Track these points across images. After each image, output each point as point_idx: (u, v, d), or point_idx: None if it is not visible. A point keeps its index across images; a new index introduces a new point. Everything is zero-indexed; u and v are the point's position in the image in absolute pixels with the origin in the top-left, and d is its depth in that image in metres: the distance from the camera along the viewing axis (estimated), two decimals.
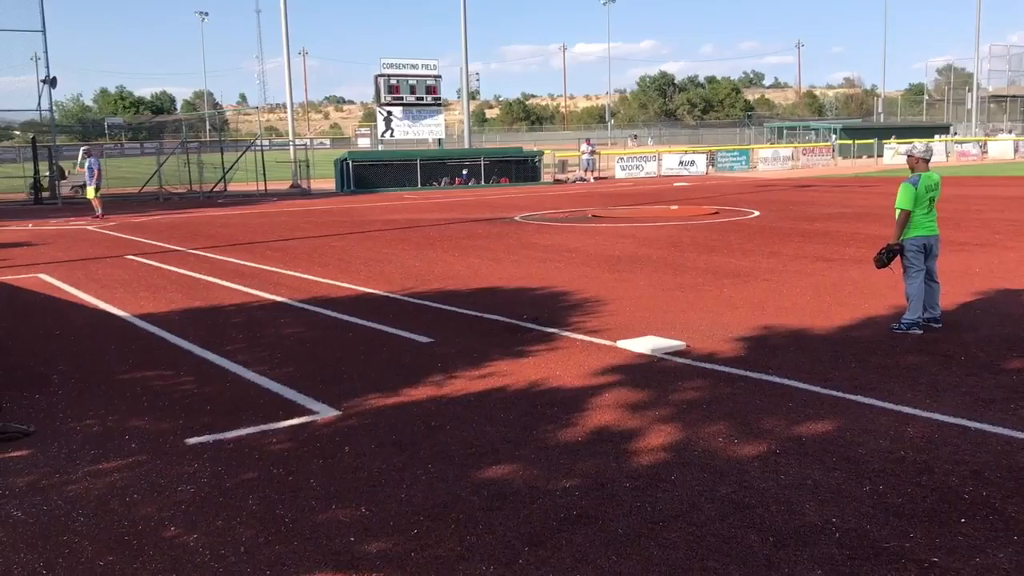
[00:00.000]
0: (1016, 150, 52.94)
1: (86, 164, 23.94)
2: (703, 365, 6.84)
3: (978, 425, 5.30)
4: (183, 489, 4.66)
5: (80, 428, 5.73)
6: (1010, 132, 57.43)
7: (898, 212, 7.83)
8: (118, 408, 6.15)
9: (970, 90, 68.69)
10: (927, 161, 7.97)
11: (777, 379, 6.38)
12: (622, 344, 7.54)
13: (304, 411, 5.96)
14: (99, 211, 23.26)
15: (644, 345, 7.42)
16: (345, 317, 9.11)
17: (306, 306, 9.83)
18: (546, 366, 6.95)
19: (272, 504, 4.43)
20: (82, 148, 36.21)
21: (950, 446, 4.97)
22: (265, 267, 13.03)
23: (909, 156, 8.04)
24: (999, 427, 5.25)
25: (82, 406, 6.21)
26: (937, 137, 55.02)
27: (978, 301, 9.09)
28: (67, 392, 6.59)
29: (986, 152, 52.21)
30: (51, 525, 4.26)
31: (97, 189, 23.36)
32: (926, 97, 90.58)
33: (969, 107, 67.51)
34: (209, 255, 14.73)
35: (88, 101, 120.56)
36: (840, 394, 5.99)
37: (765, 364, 6.79)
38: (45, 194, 30.61)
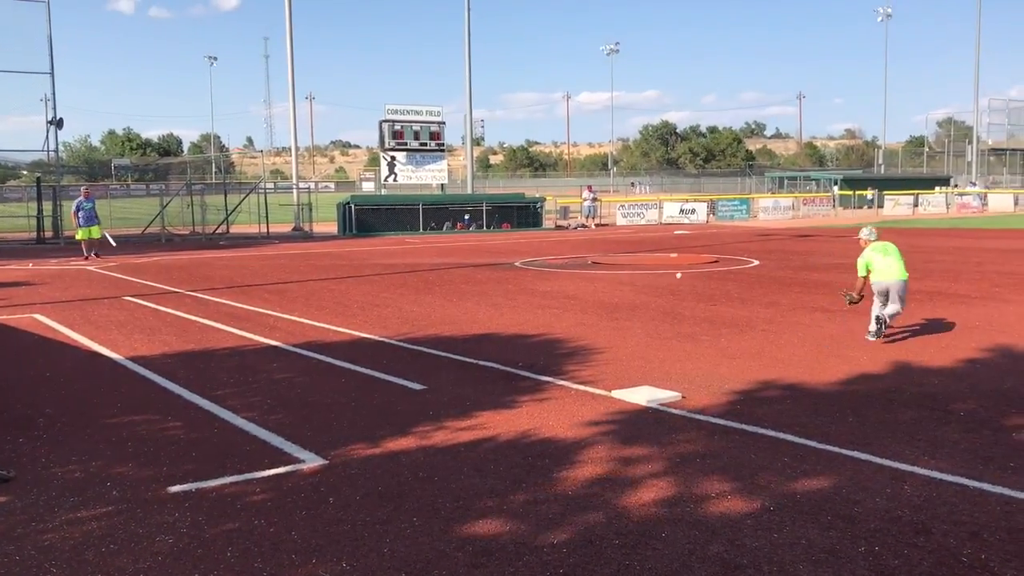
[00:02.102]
0: (1016, 203, 53.10)
1: (74, 205, 23.99)
2: (698, 417, 6.74)
3: (977, 484, 5.18)
4: (161, 540, 4.54)
5: (61, 474, 5.62)
6: (975, 184, 57.57)
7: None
8: (102, 453, 6.05)
9: (970, 143, 69.19)
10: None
11: (773, 433, 6.28)
12: (617, 394, 7.44)
13: (290, 459, 5.85)
14: (85, 252, 23.18)
15: (639, 396, 7.33)
16: (338, 362, 9.03)
17: (300, 351, 9.74)
18: (539, 416, 6.85)
19: (251, 557, 4.32)
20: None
21: (948, 505, 4.85)
22: (261, 310, 12.97)
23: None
24: (998, 486, 5.14)
25: (66, 451, 6.11)
26: (938, 189, 55.27)
27: (978, 355, 8.99)
28: (52, 436, 6.49)
29: (986, 204, 52.36)
30: None
31: (87, 230, 23.32)
32: (926, 149, 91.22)
33: (969, 159, 67.93)
34: (207, 297, 14.68)
35: (95, 142, 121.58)
36: (837, 449, 5.88)
37: (761, 417, 6.69)
38: (48, 234, 30.70)
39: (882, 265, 10.09)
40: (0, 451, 6.06)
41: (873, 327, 9.83)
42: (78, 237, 23.49)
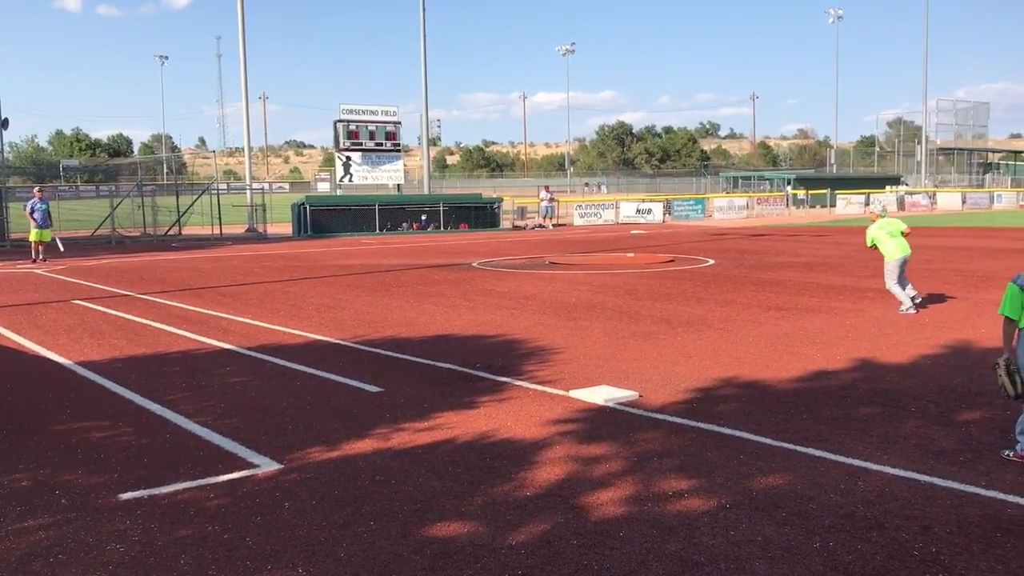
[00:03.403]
0: (964, 201, 54.27)
1: (28, 206, 23.46)
2: (656, 416, 6.77)
3: (928, 479, 5.27)
4: (112, 548, 4.44)
5: (8, 482, 5.48)
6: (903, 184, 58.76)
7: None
8: (50, 461, 5.91)
9: (919, 143, 70.57)
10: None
11: (729, 431, 6.33)
12: (575, 394, 7.45)
13: (245, 464, 5.76)
14: (33, 255, 22.69)
15: (597, 395, 7.34)
16: (294, 365, 8.92)
17: (254, 354, 9.62)
18: (497, 417, 6.83)
19: (205, 564, 4.24)
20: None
21: (900, 500, 4.92)
22: (215, 313, 12.78)
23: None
24: (949, 480, 5.23)
25: (12, 459, 5.95)
26: (888, 188, 56.29)
27: (928, 352, 9.16)
28: None
29: (935, 203, 53.45)
30: None
31: (40, 231, 22.83)
32: (877, 149, 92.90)
33: (919, 159, 69.28)
34: (158, 300, 14.44)
35: (43, 142, 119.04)
36: (791, 446, 5.94)
37: (717, 415, 6.74)
38: None
39: (896, 242, 12.16)
40: None
41: (910, 302, 11.75)
42: (31, 239, 22.97)
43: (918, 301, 11.96)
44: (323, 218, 34.17)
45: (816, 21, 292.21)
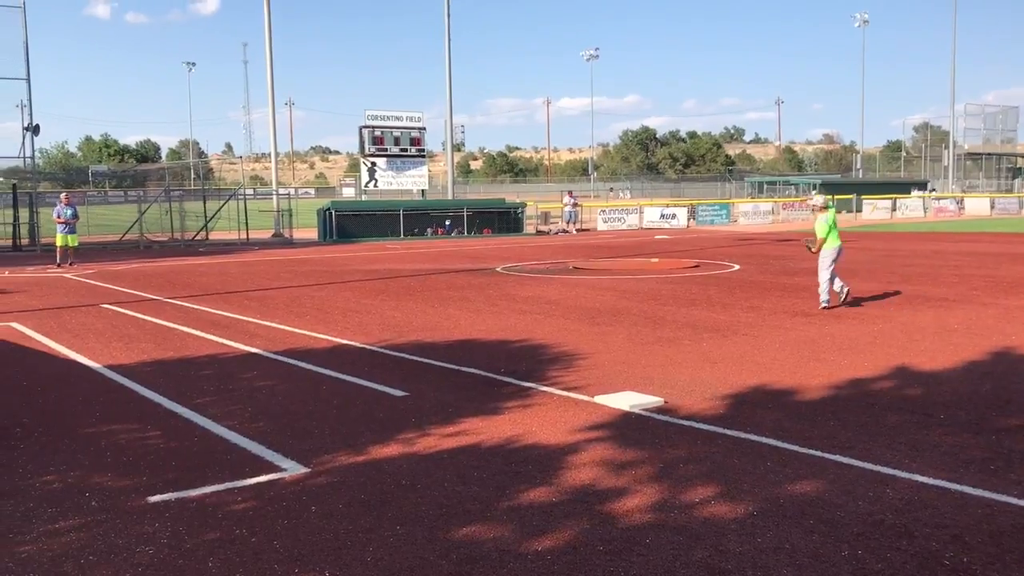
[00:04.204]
0: (992, 206, 53.66)
1: (55, 212, 23.78)
2: (681, 422, 6.74)
3: (958, 487, 5.21)
4: (141, 551, 4.49)
5: (39, 484, 5.55)
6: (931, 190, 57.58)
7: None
8: (80, 463, 5.98)
9: (946, 147, 69.89)
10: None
11: (755, 437, 6.29)
12: (600, 400, 7.44)
13: (272, 468, 5.80)
14: (59, 260, 22.95)
15: (622, 401, 7.33)
16: (320, 369, 8.97)
17: (280, 358, 9.68)
18: (522, 422, 6.83)
19: (233, 567, 4.27)
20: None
21: (930, 509, 4.87)
22: (241, 317, 12.88)
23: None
24: (980, 489, 5.16)
25: (43, 461, 6.03)
26: (915, 193, 55.76)
27: (958, 358, 9.06)
28: (29, 446, 6.40)
29: (963, 209, 52.88)
30: None
31: (65, 237, 23.09)
32: (904, 154, 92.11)
33: (946, 164, 68.62)
34: (186, 304, 14.57)
35: (73, 148, 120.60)
36: (819, 453, 5.90)
37: (743, 422, 6.71)
38: (24, 242, 30.40)
39: (833, 233, 12.69)
40: None
41: (829, 296, 12.50)
42: (57, 243, 23.26)
43: (848, 300, 12.75)
44: (348, 223, 34.35)
45: (842, 25, 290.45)
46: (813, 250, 12.96)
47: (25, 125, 30.09)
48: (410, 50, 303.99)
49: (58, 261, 22.91)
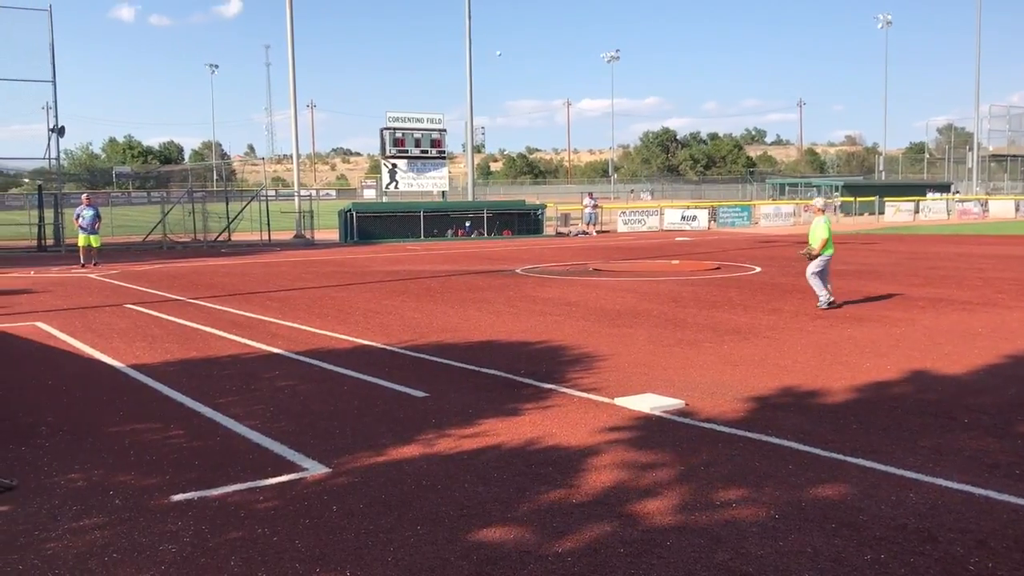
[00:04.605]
0: (1017, 209, 53.10)
1: (75, 213, 24.02)
2: (702, 425, 6.72)
3: (983, 492, 5.16)
4: (164, 549, 4.52)
5: (64, 483, 5.61)
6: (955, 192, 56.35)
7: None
8: (104, 462, 6.04)
9: (970, 149, 69.25)
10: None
11: (777, 440, 6.26)
12: (620, 402, 7.42)
13: (294, 467, 5.83)
14: (82, 260, 23.19)
15: (643, 403, 7.31)
16: (341, 370, 9.01)
17: (302, 358, 9.73)
18: (543, 424, 6.83)
19: (255, 566, 4.30)
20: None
21: (954, 513, 4.83)
22: (264, 318, 12.96)
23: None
24: (1005, 494, 5.11)
25: (68, 459, 6.09)
26: (931, 195, 55.23)
27: (982, 362, 8.97)
28: (54, 445, 6.47)
29: (987, 211, 52.37)
30: None
31: (87, 237, 23.31)
32: (927, 156, 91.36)
33: (970, 166, 68.00)
34: (208, 305, 14.67)
35: (97, 149, 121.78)
36: (841, 457, 5.86)
37: (765, 424, 6.67)
38: (49, 242, 30.72)
39: (830, 238, 13.09)
40: (2, 460, 6.04)
41: (829, 298, 12.78)
42: (79, 243, 23.50)
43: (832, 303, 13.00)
44: (369, 225, 34.48)
45: (864, 26, 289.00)
46: (813, 255, 13.05)
47: (51, 127, 30.39)
48: (431, 52, 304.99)
49: (82, 261, 23.13)
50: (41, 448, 6.37)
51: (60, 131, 30.00)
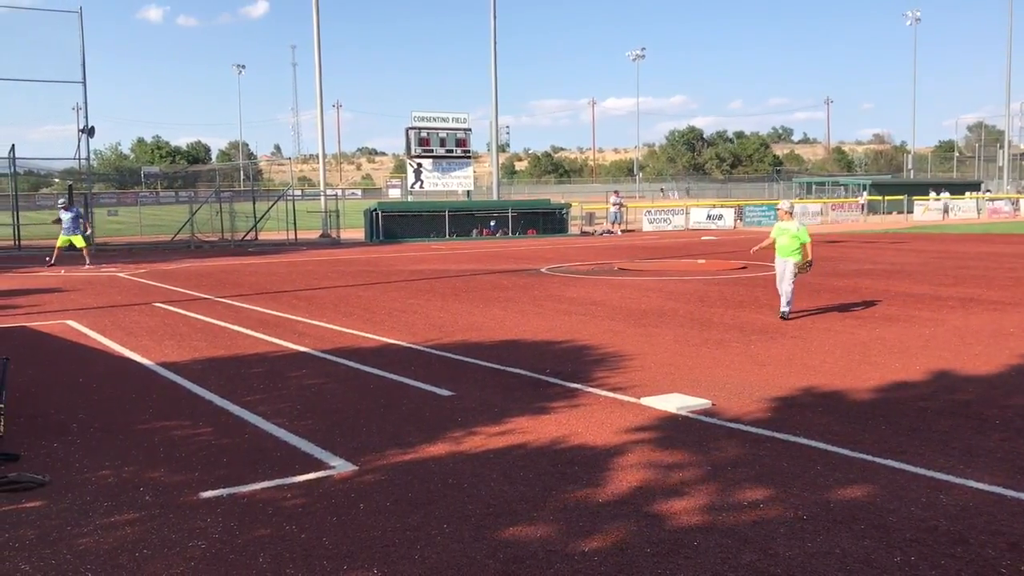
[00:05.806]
0: None
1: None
2: (729, 425, 6.69)
3: (1015, 494, 5.10)
4: (194, 545, 4.57)
5: (95, 479, 5.68)
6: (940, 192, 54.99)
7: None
8: (135, 459, 6.10)
9: (1001, 147, 68.38)
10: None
11: (804, 441, 6.22)
12: (647, 401, 7.40)
13: (321, 465, 5.87)
14: (87, 260, 23.36)
15: (669, 403, 7.29)
16: (367, 368, 9.06)
17: (329, 356, 9.79)
18: (568, 423, 6.83)
19: (283, 563, 4.33)
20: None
21: (986, 515, 4.78)
22: (290, 316, 13.05)
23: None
24: None
25: (99, 456, 6.17)
26: (968, 194, 54.58)
27: (1012, 362, 8.86)
28: (85, 441, 6.55)
29: (1018, 209, 51.68)
30: None
31: (67, 238, 23.48)
32: (956, 154, 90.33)
33: (1000, 164, 67.14)
34: (236, 303, 14.79)
35: (125, 150, 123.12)
36: (870, 458, 5.81)
37: (792, 425, 6.63)
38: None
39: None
40: (35, 456, 6.13)
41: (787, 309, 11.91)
42: (58, 244, 23.57)
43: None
44: (394, 224, 34.59)
45: (893, 23, 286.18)
46: (808, 265, 12.13)
47: (81, 127, 30.72)
48: (457, 52, 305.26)
49: (51, 261, 23.03)
50: (73, 444, 6.46)
51: (90, 131, 30.29)
